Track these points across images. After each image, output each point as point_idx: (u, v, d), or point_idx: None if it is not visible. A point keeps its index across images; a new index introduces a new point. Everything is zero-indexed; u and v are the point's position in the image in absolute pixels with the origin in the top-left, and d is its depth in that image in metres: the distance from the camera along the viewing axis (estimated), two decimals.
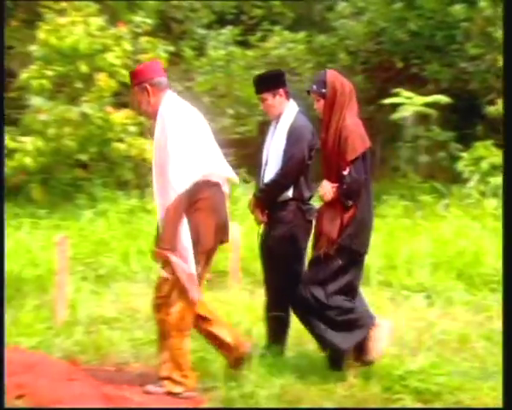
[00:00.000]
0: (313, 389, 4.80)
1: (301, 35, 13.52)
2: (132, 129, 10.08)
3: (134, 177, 10.37)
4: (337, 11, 14.63)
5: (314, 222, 5.34)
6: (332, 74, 5.29)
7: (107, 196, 10.00)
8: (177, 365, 4.75)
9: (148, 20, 10.63)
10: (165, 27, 11.88)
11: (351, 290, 5.15)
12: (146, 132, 10.39)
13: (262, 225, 5.62)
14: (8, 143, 9.66)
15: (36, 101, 9.98)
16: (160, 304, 4.84)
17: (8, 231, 8.34)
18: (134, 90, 5.06)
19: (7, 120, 10.39)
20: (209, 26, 12.43)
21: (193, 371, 4.81)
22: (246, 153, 12.71)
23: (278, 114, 5.63)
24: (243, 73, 12.19)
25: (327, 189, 5.10)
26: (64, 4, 10.21)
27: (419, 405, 4.72)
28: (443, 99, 11.71)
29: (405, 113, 12.02)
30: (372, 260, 7.70)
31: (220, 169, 5.00)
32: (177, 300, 4.76)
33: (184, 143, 4.79)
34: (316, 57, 14.07)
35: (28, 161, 9.80)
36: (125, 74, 9.93)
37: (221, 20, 13.13)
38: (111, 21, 10.35)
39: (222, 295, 6.88)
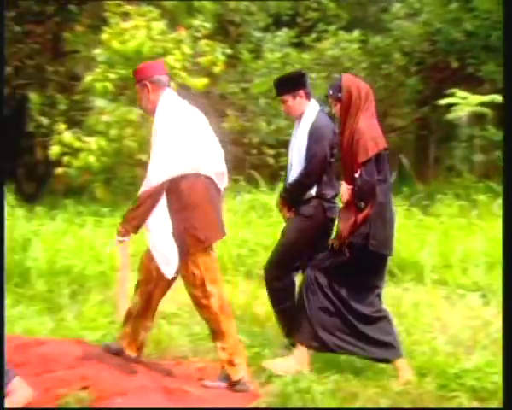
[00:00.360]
0: (368, 385, 4.78)
1: (356, 34, 13.43)
2: None
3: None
4: (392, 12, 14.51)
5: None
6: (348, 78, 5.29)
7: None
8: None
9: (207, 24, 10.65)
10: (223, 31, 11.91)
11: (366, 291, 5.11)
12: None
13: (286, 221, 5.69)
14: (74, 142, 9.82)
15: (99, 103, 10.11)
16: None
17: (71, 228, 8.52)
18: (137, 88, 5.11)
19: (72, 121, 10.61)
20: (265, 29, 12.44)
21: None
22: None
23: (299, 114, 5.64)
24: None
25: (344, 190, 5.12)
26: (128, 8, 10.32)
27: (475, 404, 4.66)
28: (498, 98, 11.50)
29: (460, 113, 11.84)
30: (427, 258, 7.64)
31: (210, 164, 4.95)
32: (211, 286, 4.88)
33: (170, 139, 4.84)
34: (370, 58, 13.99)
35: (92, 159, 9.92)
36: (184, 77, 10.02)
37: (277, 23, 13.13)
38: (171, 26, 10.41)
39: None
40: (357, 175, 5.00)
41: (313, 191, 5.48)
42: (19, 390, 4.12)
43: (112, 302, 6.45)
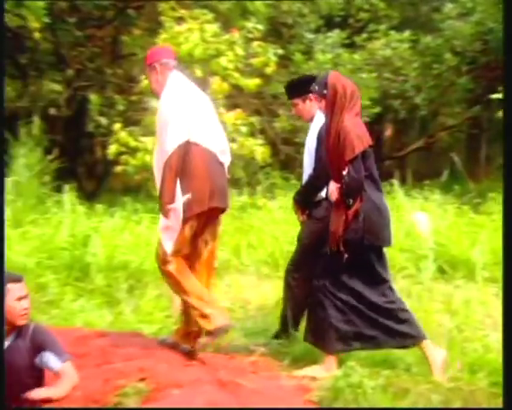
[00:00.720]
0: (419, 381, 4.73)
1: (407, 34, 13.30)
2: (243, 129, 10.11)
3: (245, 175, 10.42)
4: (444, 12, 14.31)
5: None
6: (334, 76, 5.23)
7: None
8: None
9: (260, 26, 10.64)
10: (276, 32, 11.90)
11: (375, 284, 5.07)
12: (256, 133, 10.45)
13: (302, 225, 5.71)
14: (130, 141, 9.90)
15: (155, 103, 10.16)
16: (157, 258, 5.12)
17: (129, 225, 8.60)
18: (147, 72, 5.29)
19: (129, 121, 10.71)
20: (317, 31, 12.38)
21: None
22: None
23: (310, 117, 5.66)
24: (349, 75, 12.09)
25: (332, 189, 5.07)
26: (183, 12, 10.39)
27: None
28: None
29: None
30: (478, 256, 7.53)
31: (212, 139, 5.07)
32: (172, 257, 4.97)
33: (177, 113, 4.94)
34: (421, 58, 13.83)
35: (148, 158, 10.00)
36: (237, 77, 10.04)
37: (328, 24, 13.07)
38: (225, 28, 10.45)
39: None
40: (344, 173, 4.95)
41: (323, 193, 5.46)
42: (67, 374, 4.18)
43: (168, 297, 6.50)
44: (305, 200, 5.67)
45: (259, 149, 9.90)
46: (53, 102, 11.54)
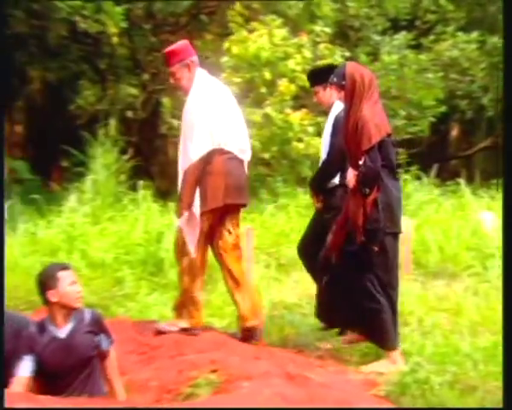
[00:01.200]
0: (487, 378, 4.62)
1: (474, 35, 13.03)
2: (310, 129, 10.11)
3: (312, 174, 10.38)
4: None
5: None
6: (352, 66, 5.17)
7: (288, 191, 10.08)
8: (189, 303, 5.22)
9: (327, 29, 10.62)
10: (343, 35, 11.84)
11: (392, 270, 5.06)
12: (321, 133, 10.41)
13: (316, 209, 5.74)
14: None
15: None
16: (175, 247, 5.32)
17: None
18: (174, 68, 5.19)
19: None
20: (383, 32, 12.25)
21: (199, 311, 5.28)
22: (417, 152, 12.46)
23: (330, 105, 5.65)
24: (416, 76, 11.93)
25: (350, 176, 5.01)
26: (250, 16, 10.45)
27: None
28: None
29: None
30: None
31: (234, 140, 5.17)
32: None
33: (204, 117, 5.04)
34: (489, 58, 13.52)
35: None
36: (304, 79, 10.03)
37: (395, 27, 12.91)
38: (293, 32, 10.46)
39: None
40: (361, 162, 4.88)
41: (336, 180, 5.46)
42: (112, 354, 4.30)
43: None
44: (320, 185, 5.66)
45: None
46: (129, 105, 11.74)
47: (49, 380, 4.19)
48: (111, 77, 12.13)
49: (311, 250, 5.66)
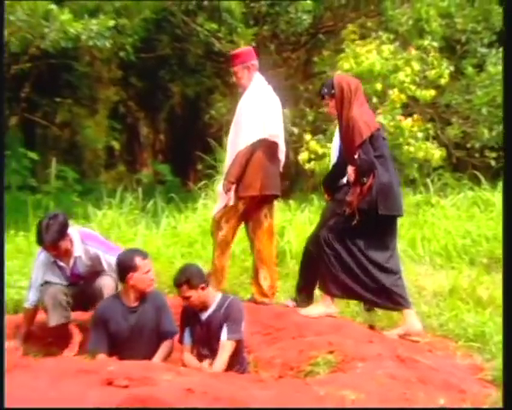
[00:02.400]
0: None
1: None
2: (419, 135, 9.89)
3: (419, 176, 10.16)
4: None
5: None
6: (338, 77, 5.47)
7: None
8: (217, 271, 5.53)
9: (435, 44, 10.37)
10: (450, 48, 11.47)
11: (380, 248, 5.14)
12: (429, 138, 10.15)
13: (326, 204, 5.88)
14: (318, 149, 9.97)
15: None
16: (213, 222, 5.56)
17: (316, 218, 8.58)
18: (237, 68, 5.47)
19: (318, 130, 10.78)
20: (490, 45, 11.75)
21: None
22: None
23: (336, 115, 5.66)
24: None
25: (349, 172, 5.19)
26: (360, 35, 10.38)
27: None
28: None
29: None
30: None
31: (280, 135, 5.51)
32: (224, 224, 5.47)
33: (256, 110, 5.35)
34: None
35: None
36: (413, 90, 9.85)
37: (501, 39, 12.37)
38: (403, 47, 10.30)
39: None
40: (356, 156, 5.07)
41: (344, 180, 5.49)
42: (222, 350, 4.29)
43: None
44: (329, 185, 5.73)
45: (437, 153, 9.66)
46: None
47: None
48: (240, 91, 12.31)
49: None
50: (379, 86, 9.91)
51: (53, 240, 4.76)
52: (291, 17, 10.85)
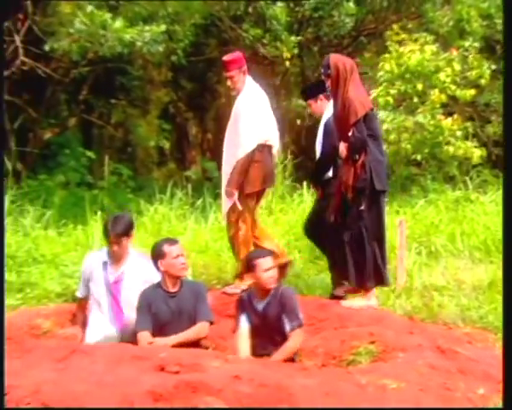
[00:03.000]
0: None
1: None
2: (458, 133, 9.73)
3: (458, 173, 9.99)
4: None
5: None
6: (334, 57, 5.41)
7: (437, 188, 9.74)
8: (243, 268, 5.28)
9: (476, 44, 10.17)
10: (490, 48, 11.23)
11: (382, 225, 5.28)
12: (469, 136, 9.98)
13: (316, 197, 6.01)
14: None
15: (381, 114, 10.06)
16: (230, 226, 5.67)
17: None
18: (233, 72, 5.56)
19: None
20: None
21: None
22: None
23: (321, 114, 5.76)
24: None
25: (341, 148, 5.20)
26: (404, 36, 10.22)
27: None
28: None
29: None
30: None
31: (274, 136, 5.70)
32: (242, 224, 5.58)
33: (253, 116, 5.50)
34: None
35: None
36: (453, 89, 9.67)
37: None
38: (444, 48, 10.13)
39: None
40: (350, 134, 5.09)
41: (330, 173, 5.59)
42: (290, 340, 4.27)
43: (391, 275, 6.36)
44: (315, 179, 5.88)
45: (476, 152, 9.47)
46: (298, 114, 11.85)
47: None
48: (283, 91, 12.31)
49: (315, 230, 5.89)
50: (420, 86, 9.78)
51: (119, 232, 4.70)
52: (334, 21, 10.78)
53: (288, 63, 10.89)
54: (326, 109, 5.78)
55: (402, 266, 6.32)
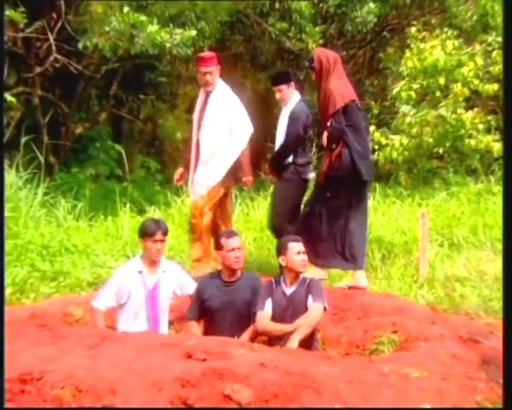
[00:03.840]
0: None
1: None
2: (481, 127, 9.58)
3: (480, 166, 9.85)
4: None
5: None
6: (318, 51, 5.62)
7: (459, 180, 9.63)
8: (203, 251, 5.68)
9: (499, 39, 9.97)
10: None
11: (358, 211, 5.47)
12: (492, 129, 9.82)
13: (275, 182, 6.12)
14: (382, 140, 9.82)
15: (404, 108, 9.95)
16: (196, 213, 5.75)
17: (381, 207, 8.50)
18: (212, 68, 5.69)
19: (382, 123, 10.61)
20: None
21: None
22: None
23: (288, 101, 5.81)
24: None
25: (324, 137, 5.39)
26: (425, 34, 10.12)
27: None
28: None
29: None
30: None
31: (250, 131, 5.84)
32: (208, 212, 5.75)
33: (239, 109, 5.75)
34: None
35: (394, 154, 9.84)
36: (476, 84, 9.53)
37: None
38: (467, 42, 9.97)
39: None
40: (328, 123, 5.29)
41: (290, 159, 5.73)
42: (312, 310, 4.27)
43: (414, 266, 6.36)
44: (275, 164, 5.98)
45: (497, 145, 9.32)
46: None
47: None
48: (307, 85, 12.24)
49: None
50: (442, 81, 9.66)
51: (167, 230, 4.66)
52: (357, 18, 10.70)
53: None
54: (292, 98, 5.89)
55: (424, 258, 6.27)
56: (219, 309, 4.52)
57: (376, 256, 6.73)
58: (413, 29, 10.22)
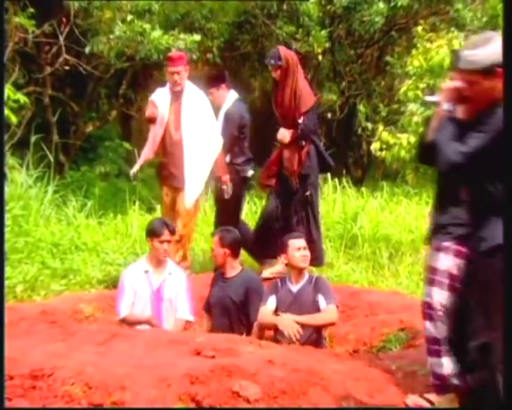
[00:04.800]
0: None
1: None
2: None
3: None
4: None
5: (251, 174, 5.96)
6: (283, 50, 5.60)
7: None
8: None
9: None
10: None
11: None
12: None
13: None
14: (389, 139, 9.79)
15: (411, 107, 9.92)
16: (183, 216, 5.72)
17: (389, 205, 8.47)
18: (180, 68, 5.65)
19: (389, 122, 10.58)
20: None
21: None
22: None
23: (221, 102, 5.85)
24: None
25: (285, 134, 5.41)
26: (431, 34, 10.08)
27: None
28: None
29: None
30: None
31: None
32: (194, 216, 5.88)
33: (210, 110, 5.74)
34: None
35: (402, 153, 9.81)
36: None
37: None
38: None
39: None
40: (300, 121, 5.32)
41: (227, 158, 5.81)
42: (326, 312, 4.25)
43: (421, 264, 6.32)
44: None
45: None
46: (330, 107, 11.78)
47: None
48: (314, 85, 12.23)
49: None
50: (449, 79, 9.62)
51: (174, 229, 4.75)
52: (364, 19, 10.68)
53: (320, 57, 10.85)
54: (226, 99, 5.92)
55: None
56: (214, 305, 4.66)
57: (384, 254, 6.74)
58: (419, 28, 10.20)
